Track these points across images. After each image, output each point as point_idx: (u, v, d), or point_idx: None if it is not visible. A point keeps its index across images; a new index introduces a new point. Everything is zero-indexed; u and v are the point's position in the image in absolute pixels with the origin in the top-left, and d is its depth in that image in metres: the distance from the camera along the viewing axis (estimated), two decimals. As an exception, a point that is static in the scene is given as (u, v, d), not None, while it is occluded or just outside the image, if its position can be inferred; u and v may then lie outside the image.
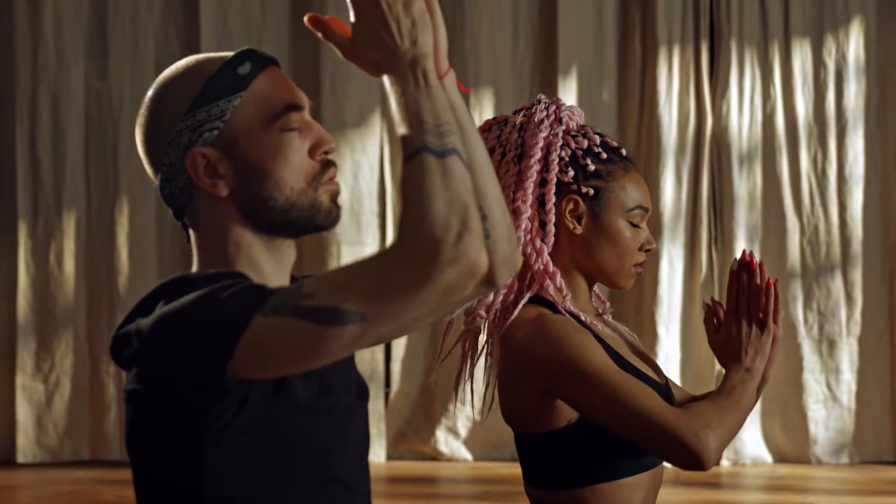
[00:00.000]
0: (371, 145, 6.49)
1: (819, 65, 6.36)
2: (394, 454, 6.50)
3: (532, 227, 2.07)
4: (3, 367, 6.52)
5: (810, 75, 6.36)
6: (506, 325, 2.04)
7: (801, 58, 6.36)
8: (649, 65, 6.42)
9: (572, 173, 2.08)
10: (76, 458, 6.46)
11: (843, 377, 6.29)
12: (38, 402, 6.45)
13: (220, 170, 1.59)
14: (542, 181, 2.08)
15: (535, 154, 2.07)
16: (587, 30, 6.45)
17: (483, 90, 6.46)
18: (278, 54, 6.33)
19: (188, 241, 1.64)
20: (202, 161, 1.58)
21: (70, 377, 6.46)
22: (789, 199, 6.34)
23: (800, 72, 6.35)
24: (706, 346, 1.98)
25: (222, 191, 1.59)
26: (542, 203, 2.08)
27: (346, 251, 6.40)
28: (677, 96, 6.37)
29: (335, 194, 1.62)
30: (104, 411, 6.47)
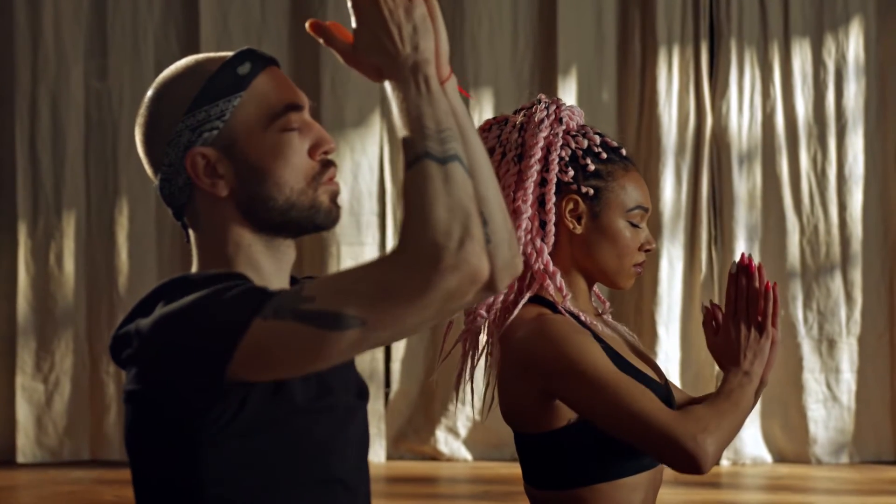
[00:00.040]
0: (371, 145, 6.49)
1: (819, 64, 6.36)
2: (394, 454, 6.50)
3: (532, 227, 2.07)
4: (3, 367, 6.52)
5: (810, 75, 6.35)
6: (506, 324, 2.04)
7: (801, 57, 6.36)
8: (649, 65, 6.42)
9: (572, 173, 2.08)
10: (76, 458, 6.46)
11: (842, 377, 6.29)
12: (37, 402, 6.45)
13: (220, 170, 1.59)
14: (542, 181, 2.08)
15: (536, 154, 2.07)
16: (587, 30, 6.45)
17: (483, 90, 6.46)
18: (278, 54, 6.33)
19: (188, 241, 1.64)
20: (202, 161, 1.58)
21: (70, 377, 6.46)
22: (789, 199, 6.33)
23: (799, 71, 6.35)
24: (706, 347, 1.98)
25: (222, 191, 1.59)
26: (542, 203, 2.08)
27: (345, 251, 6.40)
28: (677, 96, 6.37)
29: (335, 194, 1.62)
30: (104, 411, 6.47)
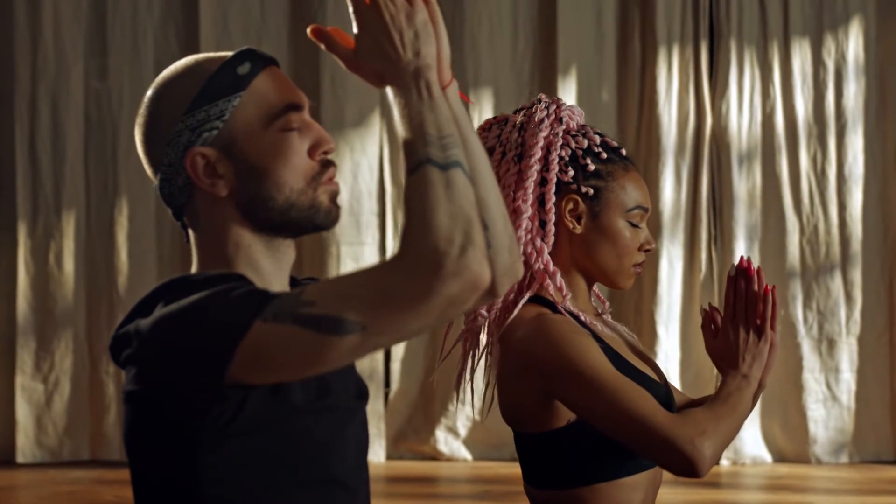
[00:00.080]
0: (370, 145, 6.49)
1: (818, 64, 6.36)
2: (393, 454, 6.50)
3: (532, 227, 2.07)
4: (3, 367, 6.52)
5: (810, 75, 6.35)
6: (505, 324, 2.04)
7: (801, 57, 6.35)
8: (649, 64, 6.42)
9: (572, 173, 2.08)
10: (76, 458, 6.46)
11: (842, 377, 6.29)
12: (37, 402, 6.45)
13: (220, 170, 1.58)
14: (542, 180, 2.08)
15: (536, 153, 2.06)
16: (587, 29, 6.45)
17: (482, 90, 6.46)
18: (278, 54, 6.33)
19: (187, 241, 1.64)
20: (201, 161, 1.58)
21: (70, 377, 6.46)
22: (789, 199, 6.33)
23: (799, 71, 6.35)
24: (705, 348, 1.98)
25: (222, 191, 1.59)
26: (542, 202, 2.08)
27: (345, 251, 6.40)
28: (677, 96, 6.37)
29: (334, 194, 1.61)
30: (104, 411, 6.46)
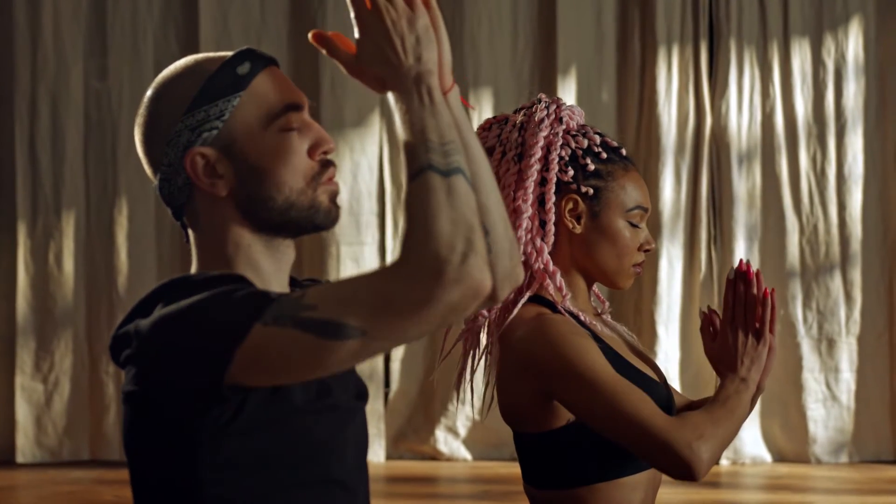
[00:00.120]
0: (370, 145, 6.49)
1: (818, 64, 6.36)
2: (393, 454, 6.50)
3: (532, 227, 2.07)
4: (3, 367, 6.52)
5: (809, 75, 6.35)
6: (505, 324, 2.04)
7: (801, 57, 6.35)
8: (648, 64, 6.42)
9: (572, 173, 2.08)
10: (75, 458, 6.46)
11: (842, 376, 6.29)
12: (37, 402, 6.45)
13: (220, 169, 1.58)
14: (542, 180, 2.08)
15: (536, 153, 2.06)
16: (586, 29, 6.45)
17: (482, 90, 6.46)
18: (277, 54, 6.33)
19: (187, 241, 1.64)
20: (201, 161, 1.58)
21: (69, 377, 6.45)
22: (788, 199, 6.33)
23: (799, 71, 6.34)
24: (704, 350, 1.99)
25: (221, 191, 1.59)
26: (542, 202, 2.08)
27: (345, 251, 6.40)
28: (676, 96, 6.37)
29: (334, 194, 1.61)
30: (103, 411, 6.46)
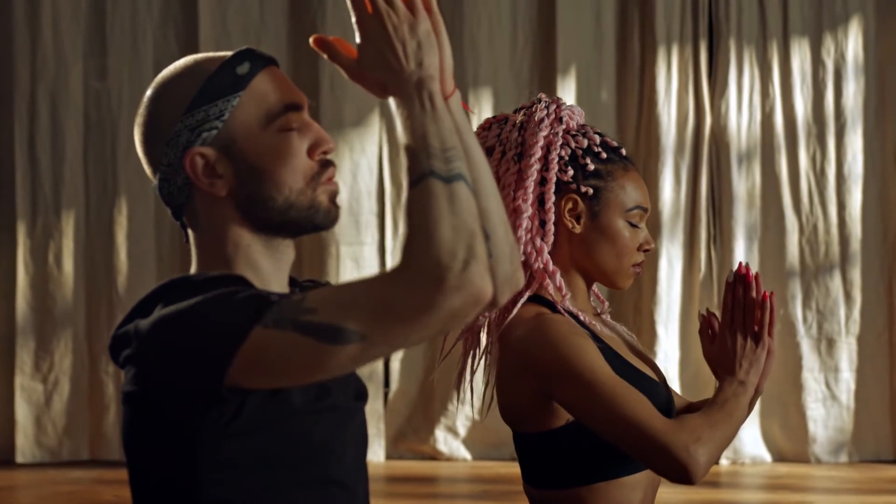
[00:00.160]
0: (370, 145, 6.49)
1: (818, 64, 6.35)
2: (393, 454, 6.50)
3: (532, 227, 2.07)
4: (2, 367, 6.52)
5: (809, 74, 6.35)
6: (504, 323, 2.04)
7: (800, 57, 6.35)
8: (648, 64, 6.42)
9: (572, 172, 2.08)
10: (75, 458, 6.46)
11: (842, 376, 6.29)
12: (37, 402, 6.45)
13: (219, 170, 1.58)
14: (541, 180, 2.08)
15: (536, 153, 2.06)
16: (586, 29, 6.45)
17: (482, 90, 6.46)
18: (277, 54, 6.33)
19: (187, 241, 1.64)
20: (201, 161, 1.58)
21: (69, 377, 6.45)
22: (788, 199, 6.33)
23: (799, 71, 6.34)
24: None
25: (221, 191, 1.59)
26: (541, 202, 2.08)
27: (344, 251, 6.40)
28: (676, 95, 6.37)
29: (334, 194, 1.61)
30: (103, 411, 6.46)
